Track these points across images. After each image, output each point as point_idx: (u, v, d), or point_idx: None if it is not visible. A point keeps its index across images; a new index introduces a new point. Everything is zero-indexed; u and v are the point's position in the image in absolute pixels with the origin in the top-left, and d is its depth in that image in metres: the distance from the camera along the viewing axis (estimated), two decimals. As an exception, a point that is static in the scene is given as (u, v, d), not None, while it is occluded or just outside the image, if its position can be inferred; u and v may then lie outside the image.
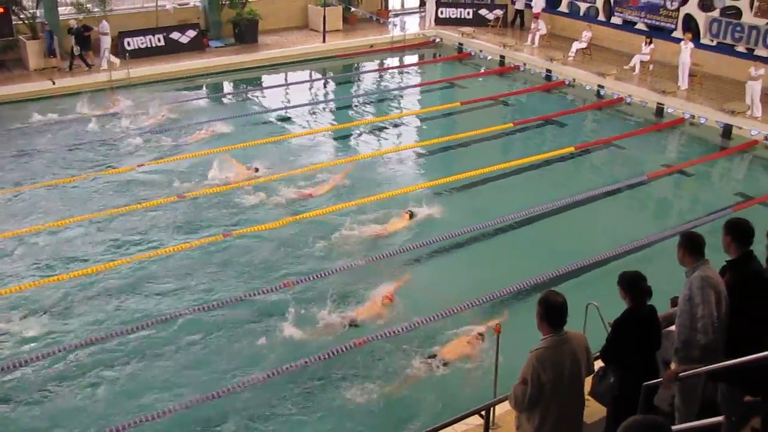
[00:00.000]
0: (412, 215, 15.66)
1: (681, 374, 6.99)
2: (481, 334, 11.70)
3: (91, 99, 22.20)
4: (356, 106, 23.16)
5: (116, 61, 25.14)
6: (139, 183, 17.37)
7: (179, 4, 28.74)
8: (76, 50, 24.53)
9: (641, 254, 14.63)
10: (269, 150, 19.45)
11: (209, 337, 11.95)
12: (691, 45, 23.84)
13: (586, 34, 27.29)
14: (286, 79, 26.51)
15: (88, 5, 26.23)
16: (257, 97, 24.60)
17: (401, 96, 24.77)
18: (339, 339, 11.77)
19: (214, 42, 28.04)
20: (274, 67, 26.88)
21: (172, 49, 26.80)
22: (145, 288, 13.31)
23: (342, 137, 20.85)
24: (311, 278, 13.45)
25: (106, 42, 24.94)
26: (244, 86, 25.40)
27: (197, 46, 27.33)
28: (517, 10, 31.59)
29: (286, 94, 25.04)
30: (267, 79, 26.16)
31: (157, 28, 27.02)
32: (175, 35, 27.08)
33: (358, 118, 22.18)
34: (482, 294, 12.97)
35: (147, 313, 12.49)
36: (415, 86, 26.10)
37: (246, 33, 28.16)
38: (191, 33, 27.37)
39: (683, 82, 23.93)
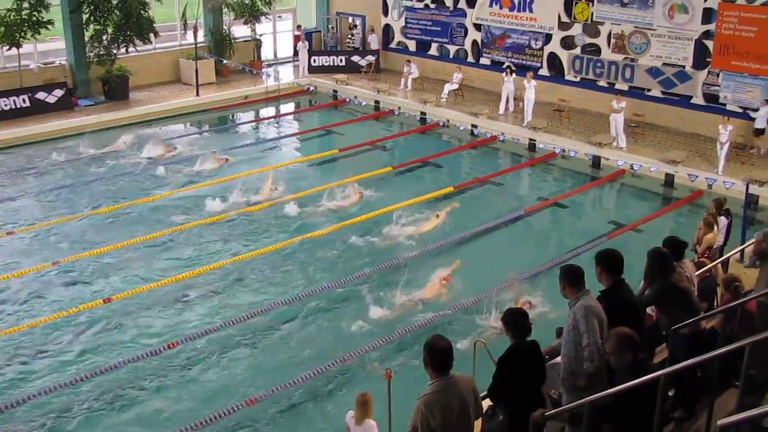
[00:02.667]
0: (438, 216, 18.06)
1: (565, 406, 7.07)
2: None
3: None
4: (231, 159, 22.68)
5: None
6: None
7: (44, 63, 27.82)
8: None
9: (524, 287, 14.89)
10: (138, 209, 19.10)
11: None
12: (534, 82, 24.78)
13: (457, 76, 27.98)
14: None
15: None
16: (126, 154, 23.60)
17: (278, 146, 24.57)
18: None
19: (83, 100, 27.20)
20: (146, 123, 26.11)
21: (38, 109, 25.82)
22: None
23: (223, 189, 20.39)
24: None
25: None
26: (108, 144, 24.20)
27: (65, 106, 26.44)
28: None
29: (156, 150, 24.11)
30: (138, 136, 25.10)
31: (22, 89, 26.00)
32: (41, 95, 26.13)
33: (233, 172, 21.67)
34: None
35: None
36: (291, 135, 26.01)
37: (116, 90, 27.46)
38: (58, 92, 26.46)
39: (527, 117, 24.76)
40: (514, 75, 25.98)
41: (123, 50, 27.66)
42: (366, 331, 13.59)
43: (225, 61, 30.95)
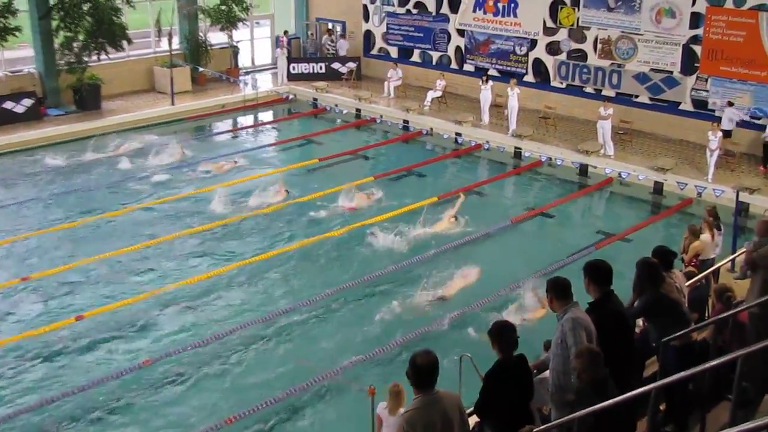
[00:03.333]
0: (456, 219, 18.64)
1: (553, 422, 7.05)
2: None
3: None
4: (208, 169, 22.62)
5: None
6: None
7: (11, 72, 27.63)
8: None
9: (512, 299, 14.96)
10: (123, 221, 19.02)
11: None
12: (517, 90, 24.78)
13: (440, 83, 28.04)
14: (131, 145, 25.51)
15: None
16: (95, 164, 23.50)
17: (256, 156, 24.46)
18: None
19: (53, 110, 27.04)
20: (119, 133, 25.84)
21: (6, 119, 25.60)
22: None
23: (200, 201, 20.31)
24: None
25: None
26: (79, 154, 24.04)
27: (34, 116, 26.27)
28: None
29: (133, 159, 24.00)
30: (111, 146, 24.97)
31: (-12, 99, 25.84)
32: (8, 105, 25.94)
33: (209, 183, 21.61)
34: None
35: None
36: (270, 145, 25.93)
37: (88, 99, 27.28)
38: (27, 102, 26.29)
39: (512, 125, 24.81)
40: (491, 83, 25.97)
41: (94, 58, 27.50)
42: (349, 345, 13.62)
43: (201, 69, 30.86)
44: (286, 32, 33.62)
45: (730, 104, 22.47)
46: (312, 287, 15.82)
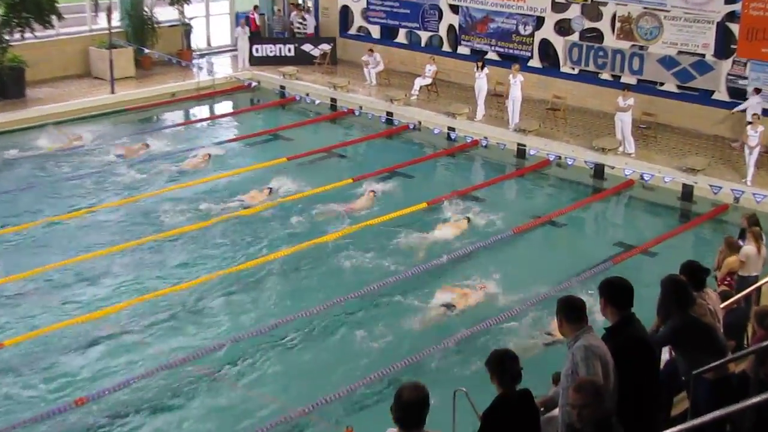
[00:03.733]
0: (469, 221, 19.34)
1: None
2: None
3: None
4: (154, 171, 22.51)
5: None
6: None
7: None
8: None
9: (508, 326, 14.98)
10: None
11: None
12: (520, 77, 24.77)
13: (430, 68, 28.03)
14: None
15: None
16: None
17: (212, 154, 24.30)
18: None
19: (-33, 99, 26.90)
20: (48, 126, 25.63)
21: None
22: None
23: (143, 212, 20.19)
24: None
25: None
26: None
27: (-55, 105, 26.14)
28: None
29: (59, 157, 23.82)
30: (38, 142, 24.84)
31: None
32: None
33: (155, 188, 21.51)
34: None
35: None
36: (229, 141, 25.80)
37: (9, 85, 27.14)
38: (-65, 90, 26.19)
39: (514, 118, 24.90)
40: (486, 69, 25.89)
41: (17, 36, 27.36)
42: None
43: (146, 51, 30.80)
44: (256, 7, 33.59)
45: (758, 91, 22.56)
46: (264, 314, 15.79)
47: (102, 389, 13.19)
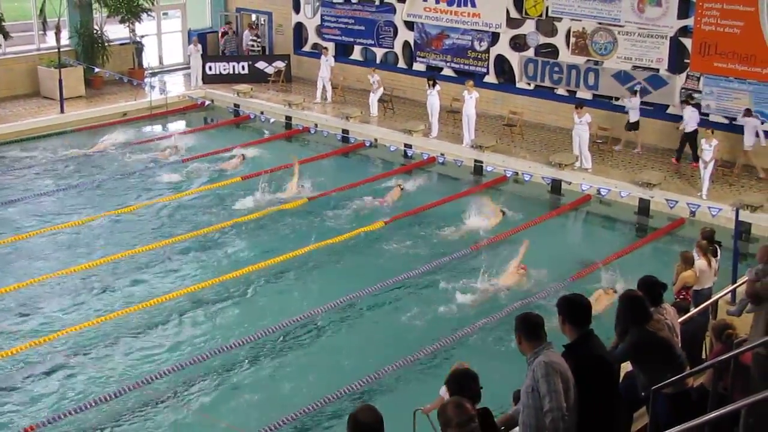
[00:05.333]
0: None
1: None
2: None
3: None
4: (103, 194, 22.30)
5: None
6: None
7: None
8: None
9: (471, 342, 15.05)
10: None
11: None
12: (475, 94, 24.81)
13: (374, 78, 27.87)
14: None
15: None
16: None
17: (162, 175, 24.10)
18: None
19: None
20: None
21: None
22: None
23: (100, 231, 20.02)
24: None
25: None
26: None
27: None
28: None
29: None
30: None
31: None
32: None
33: (108, 208, 21.30)
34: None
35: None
36: (183, 161, 25.57)
37: (-46, 106, 26.82)
38: None
39: (469, 135, 24.95)
40: (438, 87, 25.90)
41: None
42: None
43: (97, 70, 30.56)
44: (229, 23, 34.04)
45: (688, 102, 22.96)
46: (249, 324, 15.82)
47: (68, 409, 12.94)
